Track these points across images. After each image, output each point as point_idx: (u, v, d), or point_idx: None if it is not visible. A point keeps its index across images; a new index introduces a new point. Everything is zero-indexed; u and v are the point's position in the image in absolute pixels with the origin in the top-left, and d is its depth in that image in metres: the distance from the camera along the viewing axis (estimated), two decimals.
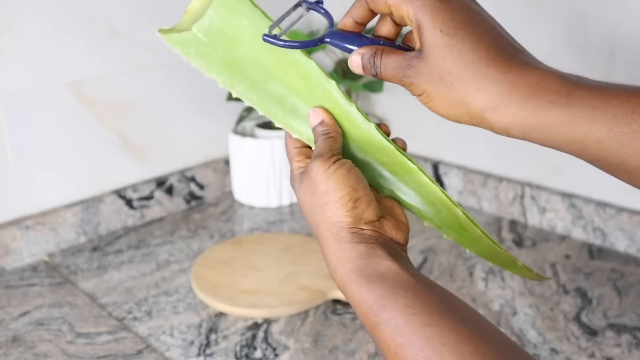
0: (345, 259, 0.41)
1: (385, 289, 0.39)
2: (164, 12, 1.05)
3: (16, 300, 0.87)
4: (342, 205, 0.42)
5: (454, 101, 0.39)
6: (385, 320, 0.37)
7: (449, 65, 0.39)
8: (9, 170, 0.93)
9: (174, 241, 1.04)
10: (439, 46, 0.39)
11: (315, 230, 0.44)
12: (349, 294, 0.40)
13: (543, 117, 0.37)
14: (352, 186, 0.42)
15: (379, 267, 0.40)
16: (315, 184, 0.43)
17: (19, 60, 0.91)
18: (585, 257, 0.97)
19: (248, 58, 0.46)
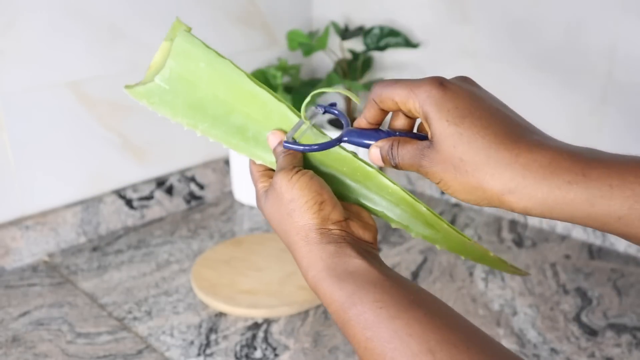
0: (315, 260, 0.42)
1: (355, 286, 0.40)
2: (164, 12, 1.05)
3: (16, 300, 0.87)
4: (308, 209, 0.43)
5: (470, 187, 0.40)
6: (355, 316, 0.38)
7: (460, 153, 0.40)
8: (9, 170, 0.93)
9: (174, 241, 1.04)
10: (447, 136, 0.40)
11: (285, 240, 0.46)
12: (321, 293, 0.42)
13: (561, 197, 0.37)
14: (316, 190, 0.44)
15: (349, 265, 0.41)
16: (281, 194, 0.45)
17: (19, 60, 0.91)
18: (585, 257, 0.97)
19: (208, 97, 0.49)
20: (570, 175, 0.37)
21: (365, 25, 1.21)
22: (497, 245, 1.02)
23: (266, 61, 1.23)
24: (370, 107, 0.46)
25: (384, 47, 1.14)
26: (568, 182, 0.37)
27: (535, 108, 1.04)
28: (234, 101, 0.49)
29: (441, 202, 1.19)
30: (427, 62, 1.16)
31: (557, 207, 0.38)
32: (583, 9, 0.94)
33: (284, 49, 1.25)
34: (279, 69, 1.13)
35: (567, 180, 0.37)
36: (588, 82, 0.96)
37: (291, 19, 1.25)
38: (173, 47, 0.48)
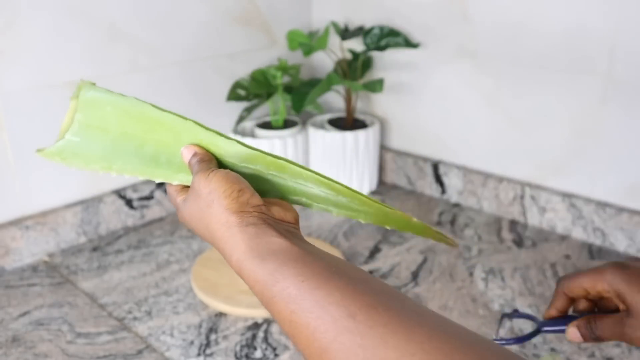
0: (237, 243, 0.43)
1: (276, 263, 0.40)
2: (164, 12, 1.05)
3: (16, 300, 0.87)
4: (227, 196, 0.44)
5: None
6: (278, 292, 0.39)
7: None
8: (9, 170, 0.93)
9: (174, 241, 1.04)
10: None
11: (208, 233, 0.46)
12: (245, 275, 0.42)
13: None
14: (232, 181, 0.45)
15: (270, 244, 0.42)
16: (199, 191, 0.46)
17: (19, 60, 0.91)
18: (585, 257, 0.97)
19: (118, 136, 0.51)
20: None
21: (365, 25, 1.21)
22: (497, 245, 1.02)
23: (266, 61, 1.23)
24: (559, 298, 0.56)
25: (384, 47, 1.14)
26: None
27: (535, 108, 1.04)
28: (143, 133, 0.52)
29: (441, 202, 1.19)
30: (427, 62, 1.16)
31: None
32: (583, 9, 0.94)
33: (284, 49, 1.25)
34: (279, 69, 1.13)
35: None
36: (588, 82, 0.96)
37: (291, 19, 1.25)
38: (79, 101, 0.51)
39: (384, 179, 1.29)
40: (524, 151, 1.07)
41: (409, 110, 1.22)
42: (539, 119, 1.04)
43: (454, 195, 1.18)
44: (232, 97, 1.14)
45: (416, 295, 0.88)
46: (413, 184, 1.24)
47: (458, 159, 1.18)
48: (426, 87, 1.17)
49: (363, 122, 1.23)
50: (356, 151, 1.17)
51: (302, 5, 1.28)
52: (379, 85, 1.14)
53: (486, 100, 1.09)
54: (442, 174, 1.19)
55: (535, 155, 1.06)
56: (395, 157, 1.26)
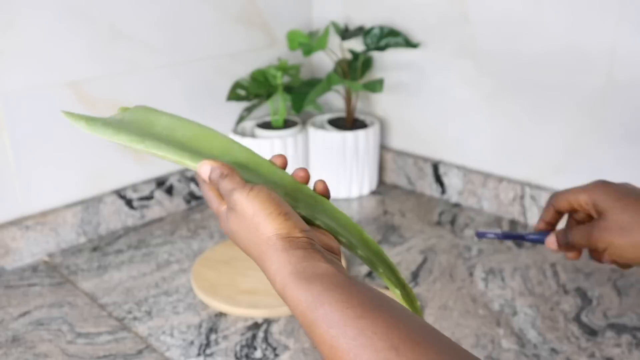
0: (284, 264, 0.43)
1: (322, 287, 0.41)
2: (164, 12, 1.05)
3: (16, 300, 0.87)
4: (273, 219, 0.45)
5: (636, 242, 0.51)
6: (322, 315, 0.39)
7: (627, 217, 0.52)
8: (9, 170, 0.93)
9: (174, 241, 1.04)
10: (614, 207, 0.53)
11: (254, 253, 0.46)
12: (288, 295, 0.42)
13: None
14: (277, 203, 0.46)
15: (316, 269, 0.42)
16: (242, 211, 0.46)
17: (19, 60, 0.91)
18: (585, 257, 0.97)
19: (164, 133, 0.53)
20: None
21: (365, 25, 1.21)
22: (497, 245, 1.02)
23: (266, 61, 1.23)
24: (548, 210, 0.63)
25: (384, 47, 1.14)
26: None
27: (535, 108, 1.04)
28: (190, 142, 0.53)
29: (441, 202, 1.19)
30: (427, 62, 1.16)
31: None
32: (583, 9, 0.94)
33: (284, 49, 1.25)
34: (279, 69, 1.13)
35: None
36: (588, 82, 0.96)
37: (291, 19, 1.25)
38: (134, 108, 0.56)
39: (384, 179, 1.29)
40: (524, 151, 1.07)
41: (409, 110, 1.22)
42: (539, 119, 1.04)
43: (454, 195, 1.18)
44: (232, 97, 1.14)
45: (416, 295, 0.88)
46: (413, 184, 1.24)
47: (458, 159, 1.18)
48: (426, 87, 1.17)
49: (363, 122, 1.23)
50: (356, 151, 1.17)
51: (302, 5, 1.28)
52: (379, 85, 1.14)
53: (486, 100, 1.09)
54: (442, 174, 1.19)
55: (535, 155, 1.06)
56: (395, 157, 1.26)
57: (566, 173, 1.03)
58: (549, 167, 1.05)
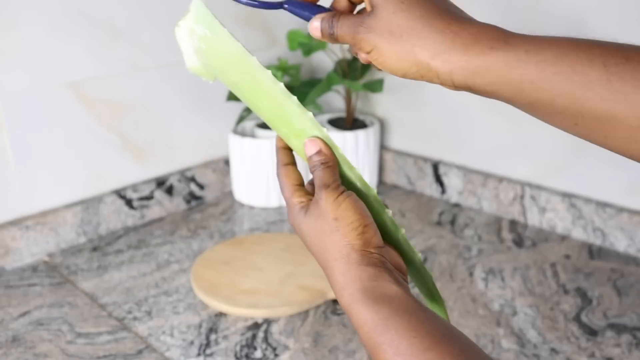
0: (353, 279, 0.42)
1: (390, 311, 0.40)
2: (164, 12, 1.05)
3: (16, 300, 0.87)
4: (352, 230, 0.44)
5: (403, 52, 0.42)
6: (388, 340, 0.39)
7: (399, 19, 0.42)
8: (9, 170, 0.93)
9: (174, 241, 1.04)
10: (389, 3, 0.43)
11: (322, 256, 0.45)
12: (355, 313, 0.41)
13: (483, 61, 0.40)
14: (361, 213, 0.45)
15: (386, 289, 0.41)
16: (326, 212, 0.45)
17: (19, 60, 0.91)
18: (585, 257, 0.97)
19: None
20: (493, 42, 0.40)
21: None
22: (497, 245, 1.02)
23: (266, 61, 1.23)
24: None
25: None
26: (490, 48, 0.40)
27: None
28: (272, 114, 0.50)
29: (441, 202, 1.19)
30: None
31: (479, 72, 0.40)
32: (584, 9, 0.94)
33: (284, 49, 1.25)
34: (279, 69, 1.13)
35: (490, 46, 0.40)
36: None
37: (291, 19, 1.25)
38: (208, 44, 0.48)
39: (384, 179, 1.29)
40: (524, 151, 1.07)
41: (409, 110, 1.22)
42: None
43: (454, 195, 1.18)
44: (232, 97, 1.14)
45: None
46: (413, 184, 1.24)
47: (458, 159, 1.18)
48: (426, 87, 1.17)
49: (363, 122, 1.23)
50: (356, 151, 1.17)
51: None
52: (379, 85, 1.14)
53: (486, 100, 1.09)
54: (442, 174, 1.19)
55: (535, 155, 1.06)
56: (395, 157, 1.26)
57: (566, 173, 1.03)
58: (549, 167, 1.05)
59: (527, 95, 0.40)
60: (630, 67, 0.37)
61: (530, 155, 1.07)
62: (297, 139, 0.50)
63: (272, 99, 0.48)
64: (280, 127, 0.50)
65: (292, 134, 0.50)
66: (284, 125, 0.49)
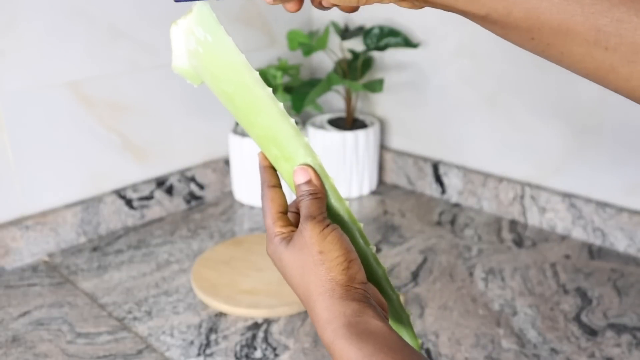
0: (337, 314, 0.42)
1: (375, 347, 0.39)
2: (164, 12, 1.05)
3: (16, 300, 0.87)
4: (337, 265, 0.43)
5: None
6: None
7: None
8: (9, 170, 0.93)
9: (174, 241, 1.04)
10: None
11: (304, 290, 0.45)
12: (338, 349, 0.41)
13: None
14: (346, 248, 0.44)
15: (370, 325, 0.41)
16: (311, 244, 0.44)
17: (19, 60, 0.91)
18: (585, 257, 0.97)
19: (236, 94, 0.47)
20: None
21: (365, 25, 1.21)
22: (497, 245, 1.02)
23: (266, 61, 1.23)
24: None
25: (384, 47, 1.14)
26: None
27: (535, 108, 1.04)
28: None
29: (441, 202, 1.19)
30: (427, 62, 1.16)
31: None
32: None
33: (284, 49, 1.25)
34: (279, 69, 1.13)
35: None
36: (588, 82, 0.96)
37: (291, 19, 1.25)
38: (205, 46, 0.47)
39: (384, 179, 1.29)
40: (524, 151, 1.07)
41: (409, 110, 1.22)
42: (539, 119, 1.04)
43: (454, 195, 1.18)
44: None
45: (416, 295, 0.88)
46: (413, 184, 1.24)
47: (458, 159, 1.18)
48: (426, 87, 1.17)
49: (363, 122, 1.23)
50: (356, 151, 1.17)
51: None
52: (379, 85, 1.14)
53: (486, 100, 1.09)
54: (442, 174, 1.19)
55: (535, 155, 1.06)
56: (395, 157, 1.26)
57: (566, 173, 1.03)
58: (549, 167, 1.05)
59: (482, 4, 0.38)
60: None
61: (530, 155, 1.07)
62: (287, 163, 0.48)
63: (268, 118, 0.46)
64: (270, 147, 0.48)
65: (283, 157, 0.48)
66: (275, 146, 0.48)
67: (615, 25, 0.34)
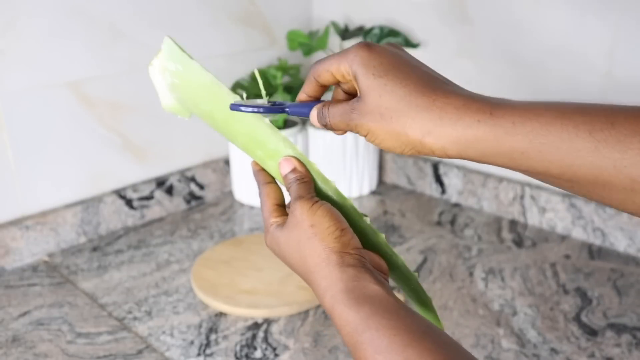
0: (335, 281, 0.43)
1: (371, 310, 0.41)
2: (164, 12, 1.05)
3: (16, 300, 0.87)
4: (329, 234, 0.45)
5: (395, 133, 0.44)
6: (368, 339, 0.39)
7: (385, 102, 0.44)
8: (9, 170, 0.93)
9: (174, 241, 1.04)
10: (374, 88, 0.44)
11: (302, 265, 0.46)
12: (337, 314, 0.42)
13: (472, 135, 0.41)
14: (336, 218, 0.46)
15: (367, 290, 0.42)
16: (302, 221, 0.46)
17: (19, 60, 0.91)
18: (585, 257, 0.97)
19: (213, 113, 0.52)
20: (479, 115, 0.41)
21: (365, 25, 1.21)
22: (497, 245, 1.02)
23: (266, 61, 1.23)
24: (309, 82, 0.50)
25: None
26: (477, 121, 0.41)
27: None
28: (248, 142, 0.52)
29: (441, 202, 1.19)
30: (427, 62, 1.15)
31: (470, 145, 0.42)
32: (582, 9, 0.94)
33: (284, 49, 1.25)
34: (279, 69, 1.13)
35: (477, 119, 0.41)
36: (587, 82, 0.96)
37: (291, 19, 1.25)
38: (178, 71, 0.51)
39: (384, 179, 1.29)
40: None
41: None
42: None
43: (454, 195, 1.18)
44: None
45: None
46: (413, 184, 1.24)
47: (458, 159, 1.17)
48: None
49: None
50: (356, 151, 1.17)
51: (302, 5, 1.28)
52: None
53: None
54: (442, 174, 1.19)
55: None
56: (395, 157, 1.26)
57: None
58: None
59: (520, 164, 0.41)
60: (615, 131, 0.37)
61: None
62: (272, 160, 0.51)
63: (245, 124, 0.50)
64: (255, 150, 0.52)
65: (267, 156, 0.51)
66: (258, 148, 0.51)
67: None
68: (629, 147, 0.37)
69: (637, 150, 0.37)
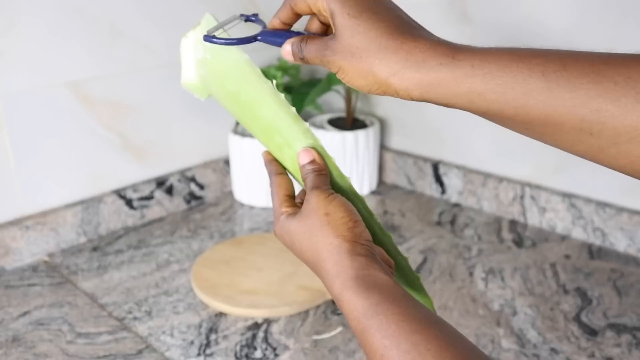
0: (345, 268, 0.44)
1: (380, 297, 0.42)
2: (164, 12, 1.05)
3: (16, 300, 0.87)
4: (343, 224, 0.46)
5: (364, 72, 0.45)
6: (376, 324, 0.40)
7: (357, 42, 0.45)
8: (9, 170, 0.93)
9: (174, 241, 1.04)
10: (347, 27, 0.46)
11: (312, 252, 0.47)
12: (345, 300, 0.43)
13: (434, 77, 0.43)
14: (351, 210, 0.47)
15: (376, 278, 0.43)
16: (317, 209, 0.47)
17: (19, 60, 0.91)
18: (585, 257, 0.97)
19: None
20: (442, 58, 0.43)
21: None
22: (497, 245, 1.02)
23: (266, 61, 1.23)
24: (285, 9, 0.52)
25: None
26: (440, 64, 0.43)
27: None
28: None
29: (441, 202, 1.19)
30: None
31: (432, 88, 0.43)
32: (583, 9, 0.94)
33: None
34: (279, 69, 1.13)
35: (439, 62, 0.43)
36: None
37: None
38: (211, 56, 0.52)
39: (384, 179, 1.29)
40: (524, 151, 1.07)
41: (409, 110, 1.22)
42: None
43: (454, 195, 1.18)
44: None
45: None
46: (413, 184, 1.24)
47: (458, 159, 1.18)
48: None
49: (363, 122, 1.23)
50: (356, 151, 1.17)
51: None
52: None
53: None
54: (442, 174, 1.19)
55: (535, 155, 1.06)
56: (395, 157, 1.26)
57: (566, 173, 1.03)
58: (549, 167, 1.05)
59: (478, 105, 0.42)
60: (567, 73, 0.39)
61: (530, 155, 1.07)
62: (290, 149, 0.52)
63: (271, 109, 0.51)
64: (274, 136, 0.52)
65: (286, 144, 0.52)
66: (278, 135, 0.52)
67: (596, 115, 0.38)
68: (578, 87, 0.38)
69: (586, 90, 0.38)
